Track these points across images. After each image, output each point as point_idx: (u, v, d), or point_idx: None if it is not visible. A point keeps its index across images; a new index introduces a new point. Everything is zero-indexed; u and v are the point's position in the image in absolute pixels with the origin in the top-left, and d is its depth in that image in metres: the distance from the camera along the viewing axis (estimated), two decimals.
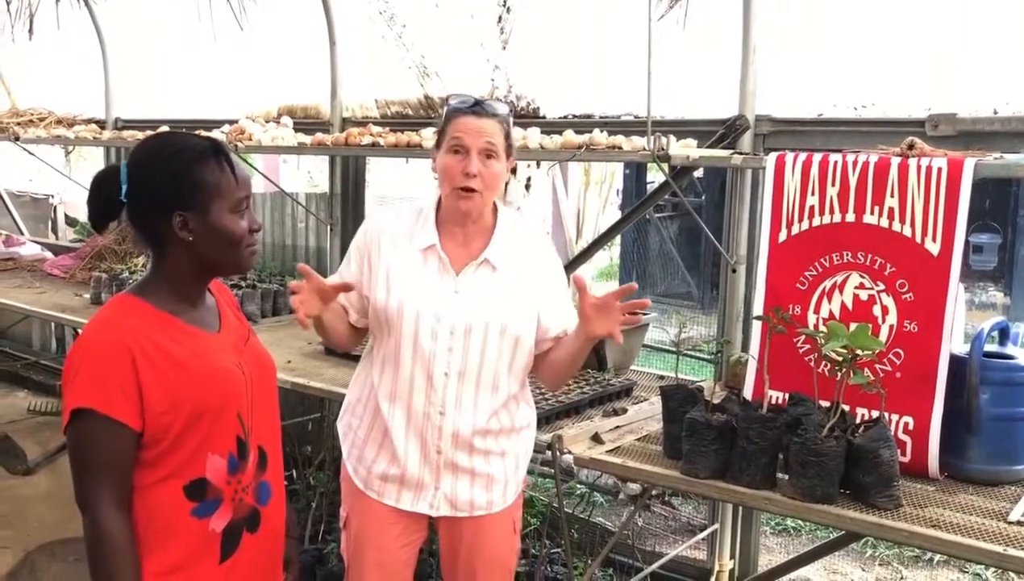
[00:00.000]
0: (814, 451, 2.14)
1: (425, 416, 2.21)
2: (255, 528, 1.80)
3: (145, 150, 1.77)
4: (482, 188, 2.17)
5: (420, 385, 2.20)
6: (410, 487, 2.25)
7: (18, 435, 5.12)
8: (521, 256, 2.27)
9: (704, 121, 3.33)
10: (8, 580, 3.82)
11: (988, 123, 2.75)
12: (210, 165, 1.71)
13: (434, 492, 2.25)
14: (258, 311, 4.16)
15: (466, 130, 2.17)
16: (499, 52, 4.08)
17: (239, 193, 1.74)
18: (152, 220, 1.73)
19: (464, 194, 2.17)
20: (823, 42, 3.29)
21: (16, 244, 5.94)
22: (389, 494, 2.27)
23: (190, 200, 1.70)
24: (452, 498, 2.26)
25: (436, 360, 2.19)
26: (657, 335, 4.40)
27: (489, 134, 2.17)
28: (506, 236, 2.27)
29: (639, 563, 3.68)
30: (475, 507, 2.28)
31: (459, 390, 2.20)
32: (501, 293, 2.23)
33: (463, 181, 2.16)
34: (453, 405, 2.20)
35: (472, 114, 2.19)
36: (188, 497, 1.70)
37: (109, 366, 1.63)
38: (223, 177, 1.72)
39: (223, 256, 1.76)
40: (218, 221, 1.72)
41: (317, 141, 4.09)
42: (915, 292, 2.41)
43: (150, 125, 4.96)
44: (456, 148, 2.18)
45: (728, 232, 3.33)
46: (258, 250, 1.82)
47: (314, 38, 4.43)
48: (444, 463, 2.23)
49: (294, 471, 4.18)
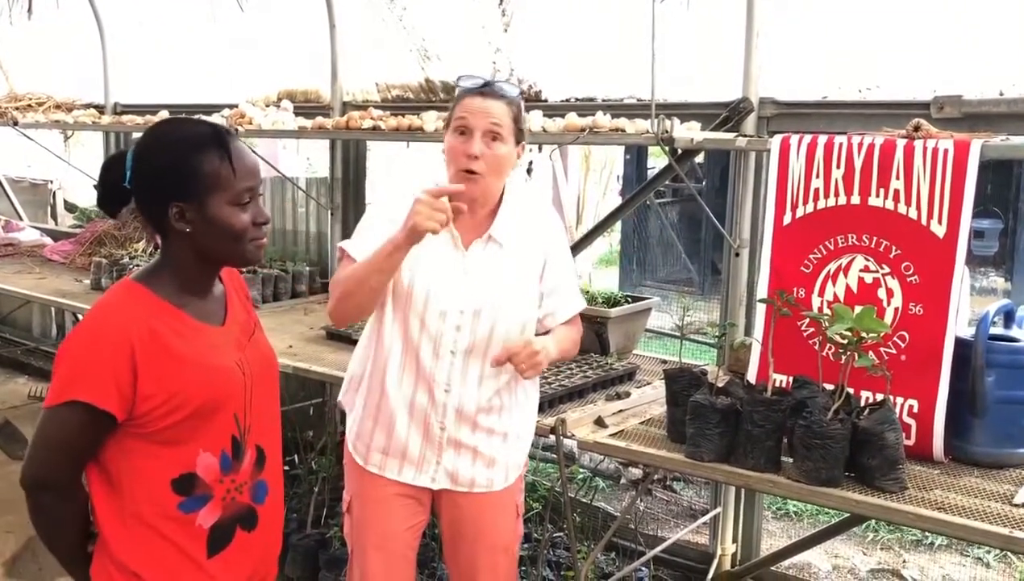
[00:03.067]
0: (819, 434, 2.13)
1: (430, 393, 2.21)
2: (251, 526, 1.79)
3: (148, 137, 1.73)
4: (485, 171, 2.14)
5: (427, 362, 2.19)
6: (412, 462, 2.25)
7: (19, 421, 5.12)
8: (528, 233, 2.27)
9: (707, 104, 3.30)
10: (11, 564, 3.83)
11: (994, 105, 2.72)
12: (209, 155, 1.66)
13: (436, 466, 2.25)
14: (259, 296, 4.15)
15: (471, 110, 2.14)
16: (501, 35, 4.05)
17: (240, 185, 1.68)
18: (153, 208, 1.70)
19: (467, 177, 2.14)
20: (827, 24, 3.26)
21: (15, 229, 5.92)
22: (391, 468, 2.26)
23: (186, 191, 1.65)
24: (453, 472, 2.26)
25: (444, 338, 2.18)
26: (657, 320, 4.39)
27: (495, 115, 2.14)
28: (512, 212, 2.25)
29: (641, 547, 3.68)
30: (475, 484, 2.28)
31: (465, 367, 2.20)
32: (509, 272, 2.23)
33: (466, 163, 2.13)
34: (459, 382, 2.20)
35: (480, 95, 2.15)
36: (175, 491, 1.69)
37: (107, 355, 1.60)
38: (222, 168, 1.66)
39: (224, 249, 1.71)
40: (216, 213, 1.67)
41: (318, 125, 4.07)
42: (920, 275, 2.40)
43: (149, 110, 4.94)
44: (461, 128, 2.15)
45: (731, 216, 3.31)
46: (265, 243, 1.77)
47: (314, 21, 4.39)
48: (447, 439, 2.23)
49: (296, 456, 4.18)
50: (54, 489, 1.67)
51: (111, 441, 1.66)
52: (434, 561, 3.48)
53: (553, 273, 2.30)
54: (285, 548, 3.49)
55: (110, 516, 1.69)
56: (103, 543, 1.71)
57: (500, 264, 2.23)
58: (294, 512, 3.85)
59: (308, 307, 4.23)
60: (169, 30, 5.41)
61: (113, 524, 1.69)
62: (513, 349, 2.11)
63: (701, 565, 3.60)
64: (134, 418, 1.64)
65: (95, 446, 1.66)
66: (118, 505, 1.69)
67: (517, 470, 2.36)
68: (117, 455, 1.67)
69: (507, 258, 2.23)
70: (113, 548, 1.69)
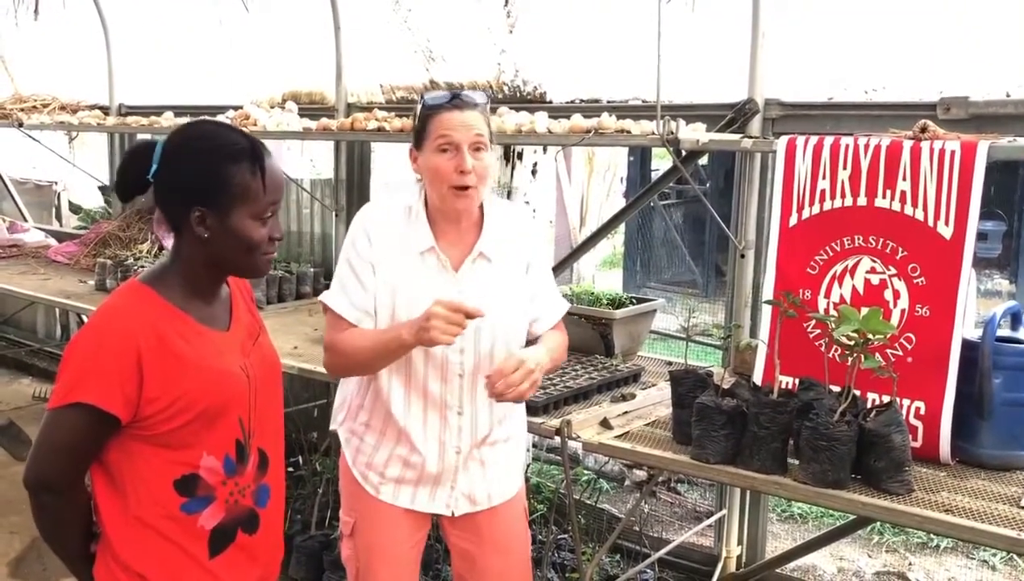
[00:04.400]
0: (826, 436, 2.12)
1: (443, 419, 2.20)
2: (253, 530, 1.79)
3: (182, 136, 1.72)
4: (477, 183, 2.11)
5: (435, 388, 2.18)
6: (426, 487, 2.23)
7: (23, 421, 5.12)
8: (511, 243, 2.24)
9: (713, 105, 3.30)
10: (15, 565, 3.84)
11: (1001, 106, 2.72)
12: (242, 168, 1.66)
13: (451, 491, 2.24)
14: (264, 298, 4.16)
15: (452, 126, 2.08)
16: (506, 36, 4.04)
17: (266, 200, 1.69)
18: (174, 208, 1.70)
19: (460, 193, 2.10)
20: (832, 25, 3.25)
21: (20, 230, 5.92)
22: (404, 496, 2.24)
23: (213, 198, 1.66)
24: (470, 494, 2.25)
25: (449, 363, 2.17)
26: (661, 322, 4.39)
27: (476, 126, 2.10)
28: (496, 226, 2.23)
29: (646, 549, 3.67)
30: (492, 498, 2.27)
31: (473, 387, 2.19)
32: (500, 287, 2.21)
33: (459, 180, 2.08)
34: (469, 403, 2.20)
35: (454, 108, 2.09)
36: (178, 492, 1.69)
37: (113, 357, 1.60)
38: (252, 182, 1.67)
39: (237, 259, 1.72)
40: (237, 225, 1.67)
41: (322, 126, 4.07)
42: (927, 276, 2.39)
43: (154, 111, 4.94)
44: (444, 146, 2.09)
45: (736, 217, 3.30)
46: (274, 257, 1.79)
47: (319, 22, 4.40)
48: (463, 461, 2.22)
49: (300, 457, 4.18)
50: (57, 490, 1.67)
51: (115, 443, 1.66)
52: (438, 563, 3.47)
53: (535, 278, 2.28)
54: (289, 549, 3.48)
55: (113, 517, 1.69)
56: (107, 543, 1.71)
57: (492, 280, 2.20)
58: (298, 513, 3.85)
59: (312, 308, 4.23)
60: (174, 31, 5.41)
61: (116, 525, 1.69)
62: (507, 371, 2.04)
63: (706, 567, 3.59)
64: (138, 420, 1.64)
65: (99, 448, 1.66)
66: (121, 506, 1.69)
67: (522, 471, 2.37)
68: (121, 456, 1.67)
69: (497, 272, 2.21)
70: (117, 548, 1.69)
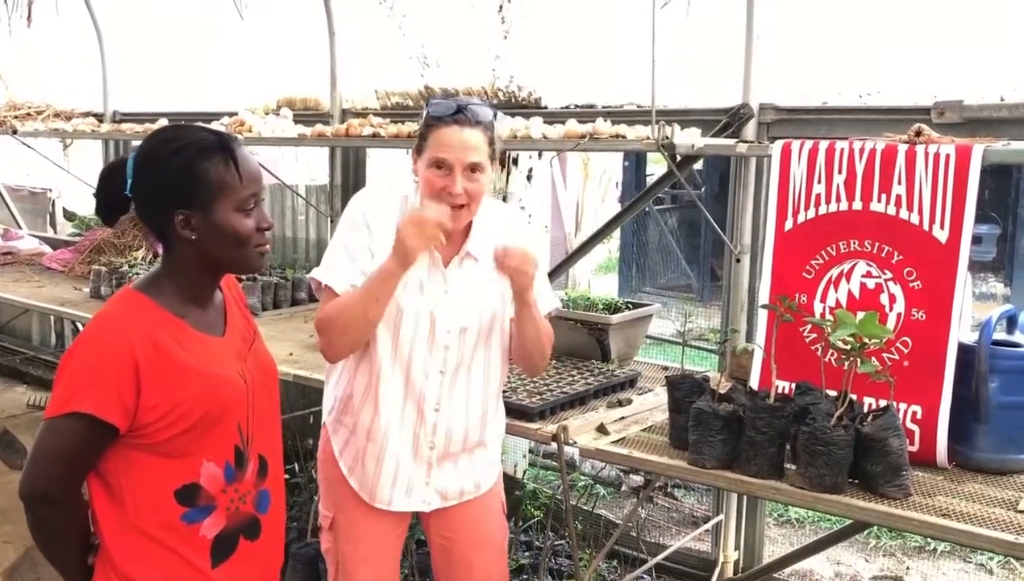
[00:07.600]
0: (822, 440, 2.12)
1: (419, 413, 2.20)
2: (255, 536, 1.78)
3: (150, 144, 1.71)
4: (468, 202, 2.11)
5: (417, 383, 2.18)
6: (401, 486, 2.23)
7: (18, 430, 5.10)
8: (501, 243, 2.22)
9: (707, 110, 3.30)
10: (9, 575, 3.81)
11: (995, 109, 2.72)
12: (214, 161, 1.65)
13: (425, 487, 2.25)
14: (259, 304, 4.14)
15: (449, 145, 2.06)
16: (500, 42, 4.05)
17: (245, 191, 1.67)
18: (157, 216, 1.69)
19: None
20: (827, 29, 3.27)
21: (14, 238, 5.90)
22: (381, 497, 2.24)
23: (192, 198, 1.64)
24: (443, 491, 2.26)
25: (432, 359, 2.17)
26: (658, 327, 4.39)
27: (474, 148, 2.06)
28: (485, 226, 2.22)
29: (643, 555, 3.66)
30: (464, 493, 2.29)
31: (454, 386, 2.19)
32: (487, 286, 2.21)
33: (449, 200, 2.07)
34: (447, 400, 2.20)
35: (455, 123, 2.06)
36: (179, 502, 1.68)
37: (110, 366, 1.59)
38: (227, 174, 1.66)
39: (230, 255, 1.70)
40: (222, 219, 1.66)
41: (317, 132, 4.06)
42: (923, 280, 2.39)
43: (148, 118, 4.93)
44: (438, 163, 2.08)
45: (731, 222, 3.30)
46: (268, 249, 1.76)
47: (313, 29, 4.40)
48: (436, 458, 2.23)
49: (296, 464, 4.16)
50: (54, 501, 1.64)
51: (112, 452, 1.65)
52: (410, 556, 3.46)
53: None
54: (286, 557, 3.46)
55: (112, 527, 1.68)
56: (105, 555, 1.69)
57: (478, 278, 2.21)
58: (294, 521, 3.83)
59: (308, 315, 4.21)
60: (168, 38, 5.41)
61: (115, 535, 1.67)
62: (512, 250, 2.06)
63: (703, 573, 3.59)
64: (137, 429, 1.63)
65: (96, 457, 1.65)
66: (120, 516, 1.67)
67: (498, 468, 2.38)
68: (119, 466, 1.66)
69: (484, 271, 2.20)
70: (116, 559, 1.67)
